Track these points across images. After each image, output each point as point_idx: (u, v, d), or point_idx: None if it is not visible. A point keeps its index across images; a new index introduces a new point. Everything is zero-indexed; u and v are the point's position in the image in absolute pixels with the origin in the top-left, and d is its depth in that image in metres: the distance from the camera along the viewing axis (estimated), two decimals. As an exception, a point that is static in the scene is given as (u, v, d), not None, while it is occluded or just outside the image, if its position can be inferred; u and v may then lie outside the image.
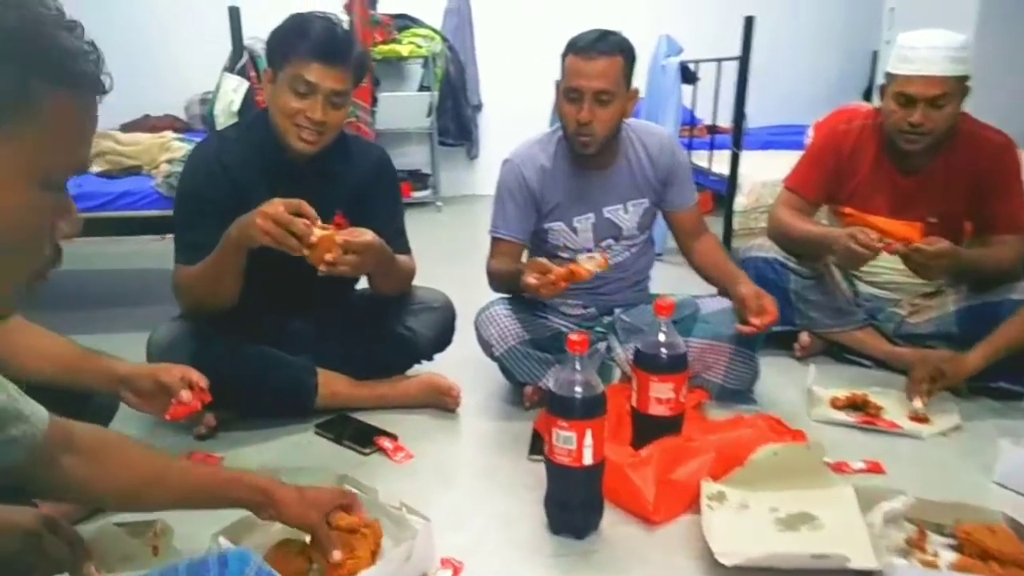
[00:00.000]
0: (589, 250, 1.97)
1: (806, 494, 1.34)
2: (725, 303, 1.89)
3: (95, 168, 2.70)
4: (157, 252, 2.20)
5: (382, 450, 1.68)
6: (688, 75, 3.43)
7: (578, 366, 1.27)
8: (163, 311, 1.84)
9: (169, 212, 2.28)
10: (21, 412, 0.83)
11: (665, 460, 1.42)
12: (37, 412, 0.86)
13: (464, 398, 1.90)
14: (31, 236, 0.59)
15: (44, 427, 0.85)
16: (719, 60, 3.28)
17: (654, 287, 2.15)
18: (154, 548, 1.27)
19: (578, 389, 1.26)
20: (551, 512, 1.37)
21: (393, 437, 1.72)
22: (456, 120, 5.14)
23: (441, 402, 1.89)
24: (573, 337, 1.26)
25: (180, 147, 2.66)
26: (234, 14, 2.60)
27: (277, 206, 1.50)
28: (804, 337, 2.20)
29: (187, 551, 1.28)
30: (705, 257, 2.00)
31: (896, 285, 2.17)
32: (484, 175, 5.44)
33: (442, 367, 1.98)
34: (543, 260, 1.68)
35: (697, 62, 3.48)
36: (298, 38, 1.63)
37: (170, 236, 1.81)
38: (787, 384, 2.02)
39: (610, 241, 1.98)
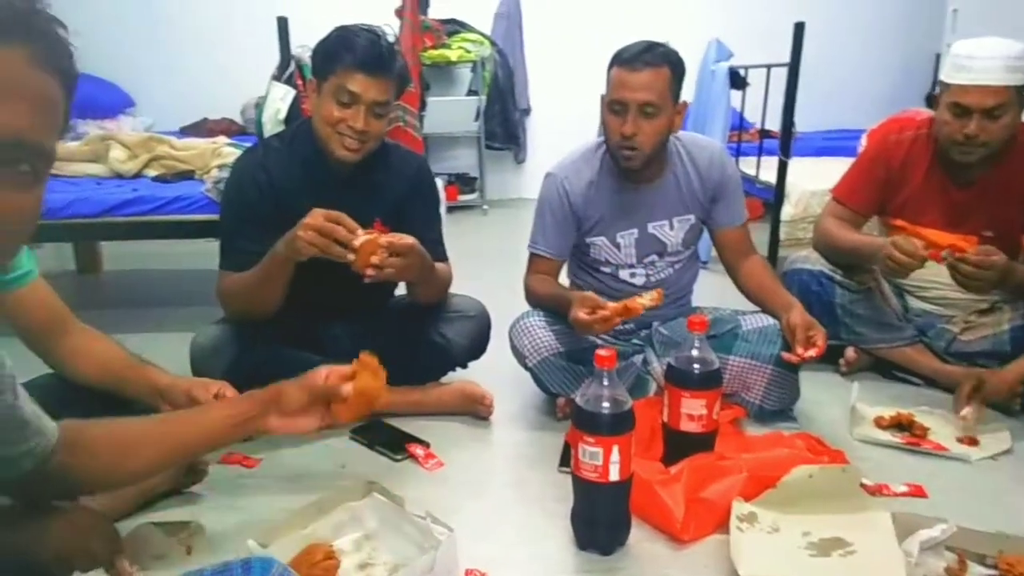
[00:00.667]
0: (631, 265, 1.94)
1: (840, 518, 1.31)
2: (768, 321, 1.85)
3: (151, 172, 2.80)
4: (204, 254, 2.26)
5: (413, 457, 1.69)
6: (737, 80, 3.37)
7: (606, 381, 1.26)
8: (209, 312, 1.89)
9: (217, 216, 2.35)
10: (42, 426, 0.86)
11: (695, 478, 1.40)
12: (50, 424, 0.90)
13: (497, 407, 1.90)
14: None
15: (56, 437, 0.88)
16: (768, 66, 3.21)
17: (698, 298, 2.11)
18: (187, 548, 1.32)
19: (606, 405, 1.25)
20: (577, 527, 1.36)
21: (425, 444, 1.73)
22: (503, 124, 5.16)
23: (474, 410, 1.90)
24: (602, 353, 1.26)
25: (231, 153, 2.73)
26: (282, 24, 2.66)
27: (317, 217, 1.54)
28: (850, 352, 2.14)
29: (220, 551, 1.32)
30: (752, 280, 1.94)
31: (948, 301, 2.09)
32: (530, 179, 5.45)
33: (476, 375, 1.99)
34: (594, 295, 1.66)
35: (747, 68, 3.42)
36: (342, 50, 1.67)
37: (216, 240, 1.86)
38: (830, 401, 1.97)
39: (653, 257, 1.94)
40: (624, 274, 1.96)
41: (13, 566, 0.95)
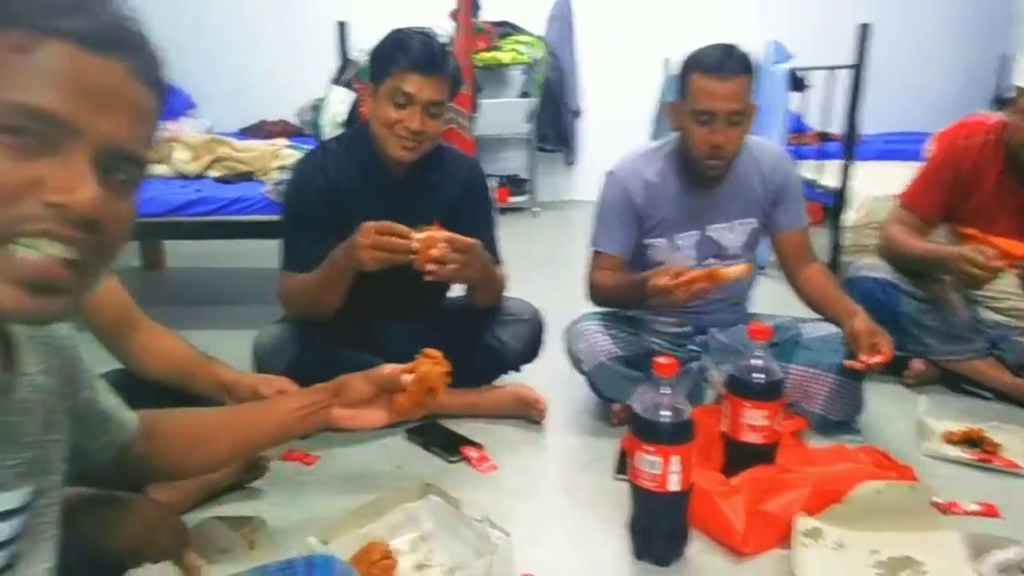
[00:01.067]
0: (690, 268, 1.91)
1: (910, 536, 1.26)
2: (830, 328, 1.80)
3: (213, 173, 2.88)
4: (264, 253, 2.32)
5: (467, 459, 1.70)
6: (797, 83, 3.30)
7: (666, 389, 1.24)
8: (268, 311, 1.93)
9: (276, 217, 2.40)
10: (122, 418, 0.89)
11: (757, 490, 1.37)
12: (130, 415, 0.92)
13: (550, 411, 1.90)
14: None
15: (135, 427, 0.91)
16: (831, 68, 3.13)
17: (756, 304, 2.07)
18: (250, 542, 1.34)
19: (665, 413, 1.24)
20: (634, 536, 1.34)
21: (479, 447, 1.74)
22: (555, 126, 5.15)
23: (527, 414, 1.89)
24: (661, 360, 1.24)
25: (290, 155, 2.79)
26: (342, 28, 2.70)
27: (369, 234, 1.56)
28: (917, 364, 2.07)
29: (281, 547, 1.34)
30: (813, 286, 1.89)
31: (1022, 312, 2.01)
32: (581, 181, 5.43)
33: (530, 379, 1.98)
34: (676, 266, 1.64)
35: (807, 69, 3.34)
36: (397, 53, 1.69)
37: (275, 240, 1.90)
38: (896, 414, 1.91)
39: (712, 260, 1.91)
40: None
41: (85, 557, 0.98)
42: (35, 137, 0.54)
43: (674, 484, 1.24)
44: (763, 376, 1.44)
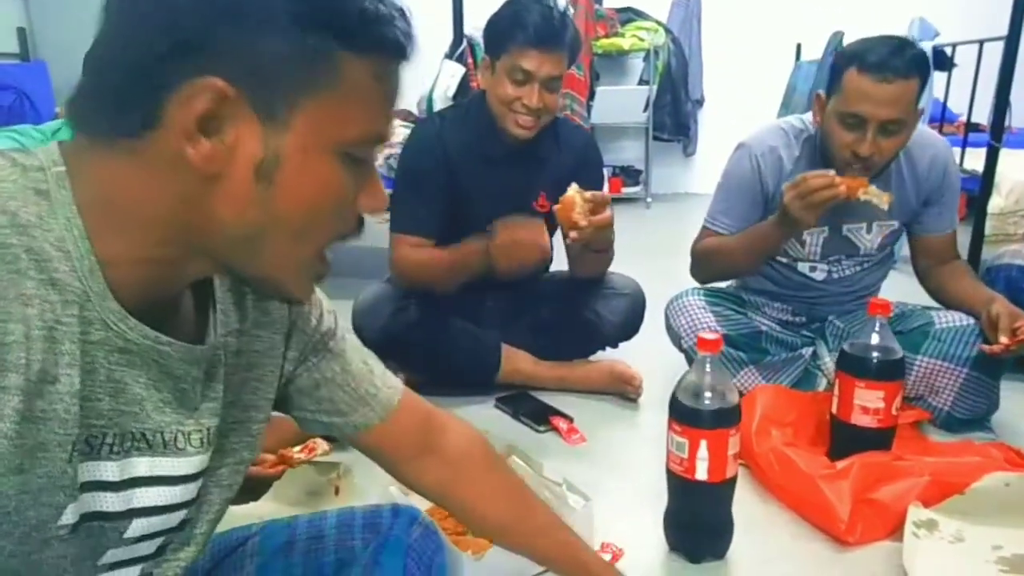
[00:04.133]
0: (813, 260, 1.76)
1: (1043, 537, 1.11)
2: (965, 320, 1.62)
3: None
4: (373, 232, 2.37)
5: (556, 430, 1.66)
6: (943, 60, 3.02)
7: (708, 367, 1.13)
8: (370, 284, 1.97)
9: (387, 191, 2.45)
10: (372, 398, 0.81)
11: (866, 476, 1.25)
12: (383, 398, 0.82)
13: (646, 390, 1.83)
14: (329, 210, 0.57)
15: (384, 414, 0.81)
16: (981, 41, 2.85)
17: (883, 296, 1.90)
18: (336, 488, 1.37)
19: (703, 393, 1.13)
20: (665, 526, 1.24)
21: (569, 419, 1.70)
22: (674, 115, 5.00)
23: (622, 390, 1.83)
24: (705, 336, 1.12)
25: (401, 132, 2.85)
26: (457, 4, 2.73)
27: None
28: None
29: (364, 495, 1.36)
30: (952, 282, 1.71)
31: None
32: (700, 173, 5.25)
33: (627, 355, 1.92)
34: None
35: (955, 45, 3.05)
36: (515, 28, 1.66)
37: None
38: (1036, 414, 1.70)
39: (840, 257, 1.75)
40: (803, 267, 1.78)
41: None
42: (367, 152, 0.58)
43: (702, 472, 1.12)
44: (880, 354, 1.31)
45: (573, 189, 1.57)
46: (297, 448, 1.27)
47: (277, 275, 0.58)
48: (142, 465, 0.57)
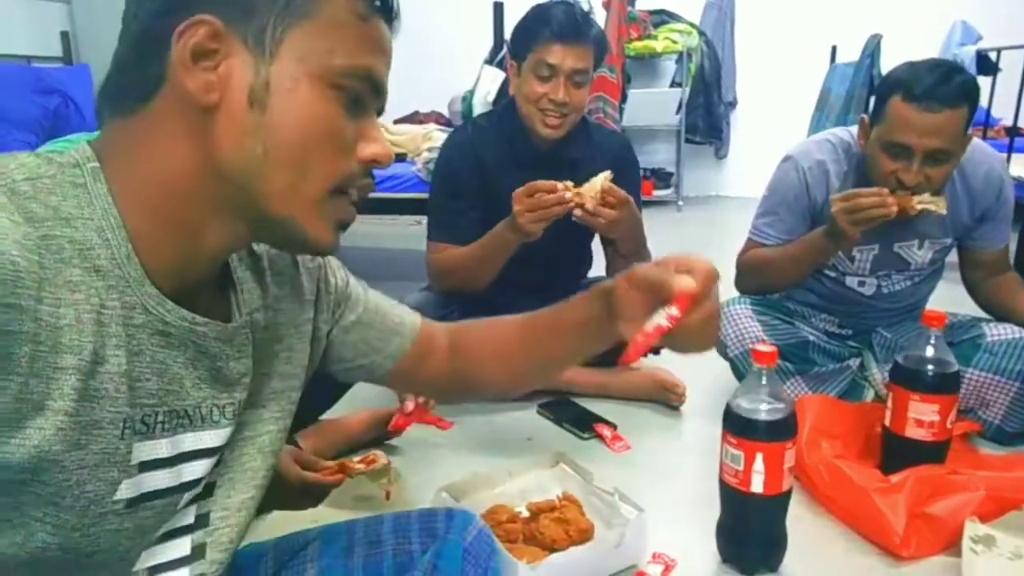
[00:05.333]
0: (862, 275, 1.74)
1: (1107, 558, 1.09)
2: (1018, 332, 1.60)
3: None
4: (411, 236, 2.41)
5: (600, 437, 1.67)
6: (987, 65, 2.98)
7: (764, 380, 1.12)
8: (411, 287, 1.98)
9: (426, 195, 2.48)
10: (400, 326, 0.85)
11: (921, 490, 1.24)
12: (407, 322, 0.87)
13: (688, 397, 1.82)
14: (322, 139, 0.58)
15: (414, 337, 0.86)
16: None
17: (930, 306, 1.88)
18: (387, 493, 1.38)
19: (758, 405, 1.12)
20: (718, 537, 1.23)
21: (612, 426, 1.70)
22: (706, 117, 4.98)
23: (664, 397, 1.83)
24: (760, 348, 1.12)
25: (441, 137, 2.87)
26: (498, 10, 2.74)
27: (521, 200, 1.58)
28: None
29: (415, 500, 1.37)
30: (1003, 294, 1.69)
31: None
32: (732, 176, 5.23)
33: (669, 362, 1.91)
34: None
35: (999, 50, 3.01)
36: (538, 25, 1.69)
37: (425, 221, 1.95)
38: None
39: (890, 272, 1.74)
40: (852, 281, 1.76)
41: None
42: (362, 99, 0.60)
43: (757, 485, 1.11)
44: (936, 367, 1.30)
45: (604, 175, 1.59)
46: (357, 458, 1.29)
47: (292, 215, 0.59)
48: (187, 440, 0.61)
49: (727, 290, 1.84)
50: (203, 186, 0.57)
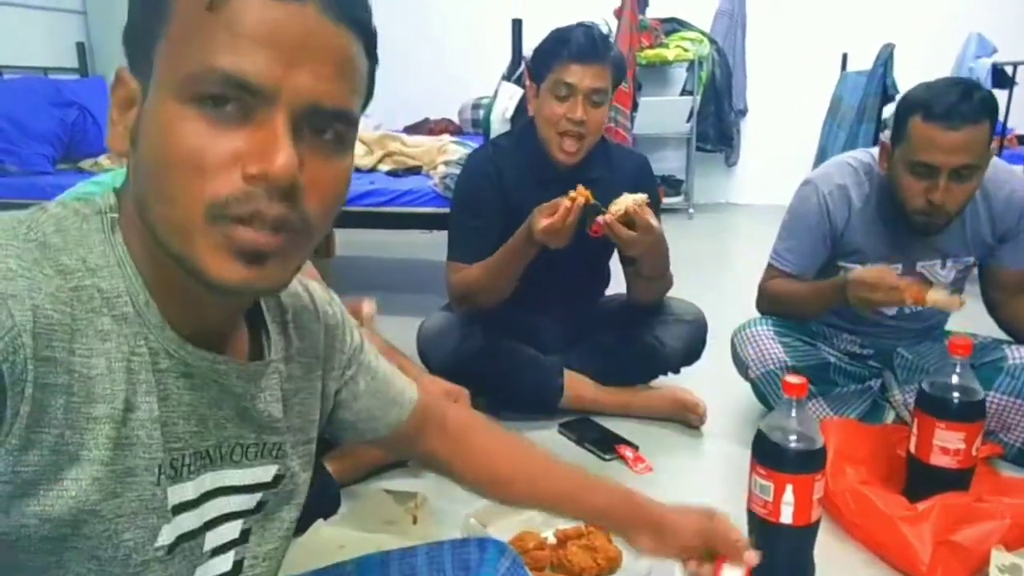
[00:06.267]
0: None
1: None
2: None
3: (384, 167, 3.03)
4: (429, 245, 2.42)
5: (622, 458, 1.67)
6: (1002, 78, 2.98)
7: (794, 411, 1.12)
8: (429, 300, 2.00)
9: (443, 210, 2.49)
10: (400, 397, 0.86)
11: (947, 518, 1.24)
12: (407, 394, 0.86)
13: (709, 417, 1.83)
14: (179, 159, 0.50)
15: (411, 408, 0.86)
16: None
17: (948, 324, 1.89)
18: (414, 517, 1.40)
19: (789, 436, 1.12)
20: None
21: (634, 447, 1.71)
22: (717, 125, 4.99)
23: (685, 417, 1.84)
24: (790, 380, 1.11)
25: (456, 150, 2.88)
26: (516, 26, 2.75)
27: (540, 220, 1.60)
28: None
29: (443, 525, 1.38)
30: (1022, 314, 1.70)
31: None
32: (741, 183, 5.23)
33: (689, 381, 1.93)
34: (884, 269, 1.55)
35: (1015, 64, 3.01)
36: (557, 46, 1.71)
37: (439, 232, 1.96)
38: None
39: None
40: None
41: None
42: (235, 105, 0.50)
43: (787, 516, 1.11)
44: (962, 395, 1.30)
45: (634, 197, 1.60)
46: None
47: (180, 250, 0.52)
48: (207, 480, 0.61)
49: (737, 304, 1.86)
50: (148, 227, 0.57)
